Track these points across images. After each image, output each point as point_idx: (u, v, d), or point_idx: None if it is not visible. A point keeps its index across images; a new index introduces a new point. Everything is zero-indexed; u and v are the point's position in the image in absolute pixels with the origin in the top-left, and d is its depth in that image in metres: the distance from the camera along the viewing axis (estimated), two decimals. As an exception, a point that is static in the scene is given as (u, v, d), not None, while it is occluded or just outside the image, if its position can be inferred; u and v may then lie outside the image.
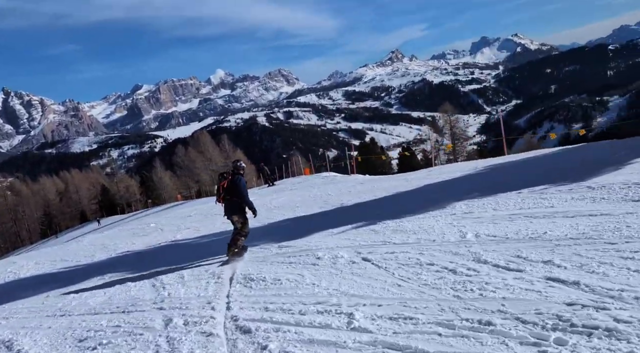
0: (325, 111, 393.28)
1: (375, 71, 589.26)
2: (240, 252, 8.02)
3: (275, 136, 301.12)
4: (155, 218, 21.85)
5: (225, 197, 8.06)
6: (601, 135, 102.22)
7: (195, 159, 63.16)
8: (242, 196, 7.94)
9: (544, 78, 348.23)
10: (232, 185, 8.01)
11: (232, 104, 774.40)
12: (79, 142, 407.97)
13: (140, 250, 10.79)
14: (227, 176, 8.18)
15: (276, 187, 21.95)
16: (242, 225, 8.07)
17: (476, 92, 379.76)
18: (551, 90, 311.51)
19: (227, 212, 8.13)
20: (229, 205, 8.08)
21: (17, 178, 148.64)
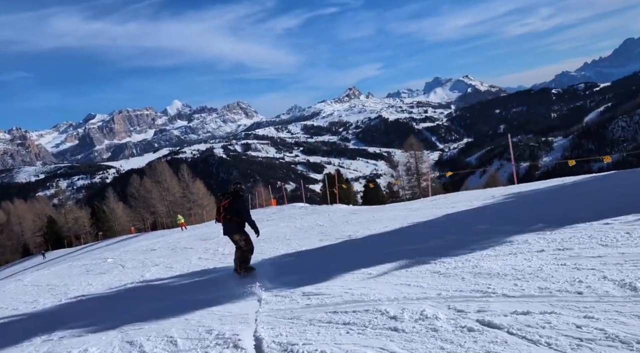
0: (284, 144, 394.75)
1: (334, 107, 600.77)
2: (249, 269, 8.09)
3: (233, 168, 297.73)
4: (111, 252, 20.15)
5: (226, 216, 8.09)
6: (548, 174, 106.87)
7: (152, 189, 60.75)
8: (244, 215, 8.06)
9: (493, 118, 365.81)
10: (234, 205, 8.07)
11: (189, 135, 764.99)
12: (24, 172, 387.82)
13: (100, 294, 8.34)
14: (228, 196, 8.23)
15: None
16: (245, 242, 8.13)
17: (429, 130, 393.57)
18: (500, 129, 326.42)
19: (226, 232, 8.19)
20: (228, 225, 8.13)
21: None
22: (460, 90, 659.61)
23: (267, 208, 27.36)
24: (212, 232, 17.38)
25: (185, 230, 25.66)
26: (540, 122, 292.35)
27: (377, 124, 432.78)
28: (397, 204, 16.66)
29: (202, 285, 7.76)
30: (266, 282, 6.69)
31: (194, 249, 13.06)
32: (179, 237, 18.80)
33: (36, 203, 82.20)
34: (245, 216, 8.04)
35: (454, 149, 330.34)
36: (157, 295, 7.50)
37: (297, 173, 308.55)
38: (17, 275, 19.94)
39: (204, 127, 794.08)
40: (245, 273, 7.95)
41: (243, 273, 7.98)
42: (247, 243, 8.11)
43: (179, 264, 10.17)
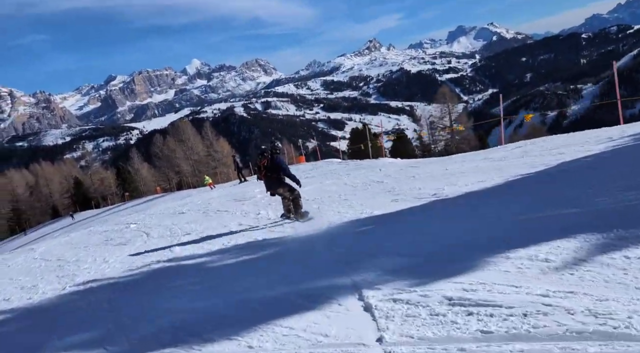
0: (304, 101, 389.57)
1: (353, 60, 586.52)
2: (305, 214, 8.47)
3: (254, 127, 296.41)
4: (136, 215, 18.62)
5: (267, 174, 8.64)
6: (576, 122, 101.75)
7: (175, 149, 59.48)
8: (284, 170, 8.59)
9: (519, 66, 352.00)
10: (273, 163, 8.57)
11: (209, 94, 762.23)
12: (51, 135, 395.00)
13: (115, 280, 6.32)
14: (267, 155, 8.70)
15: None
16: (290, 191, 8.66)
17: (453, 81, 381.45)
18: (527, 78, 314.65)
19: (269, 188, 8.79)
20: (270, 182, 8.72)
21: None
22: (485, 38, 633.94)
23: (300, 165, 25.39)
24: (246, 192, 15.60)
25: (214, 190, 24.04)
26: (569, 69, 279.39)
27: (398, 76, 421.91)
28: (466, 155, 14.38)
29: (255, 268, 5.62)
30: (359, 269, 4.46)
31: (229, 212, 11.26)
32: (209, 198, 17.12)
33: (63, 165, 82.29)
34: (284, 171, 8.58)
35: (478, 100, 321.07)
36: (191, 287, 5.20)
37: (317, 130, 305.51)
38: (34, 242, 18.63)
39: (223, 86, 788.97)
40: (303, 219, 8.30)
41: (300, 218, 8.35)
42: (292, 192, 8.63)
43: (216, 234, 8.30)
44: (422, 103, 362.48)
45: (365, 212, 7.34)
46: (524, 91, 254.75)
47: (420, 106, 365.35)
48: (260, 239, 7.00)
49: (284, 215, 8.85)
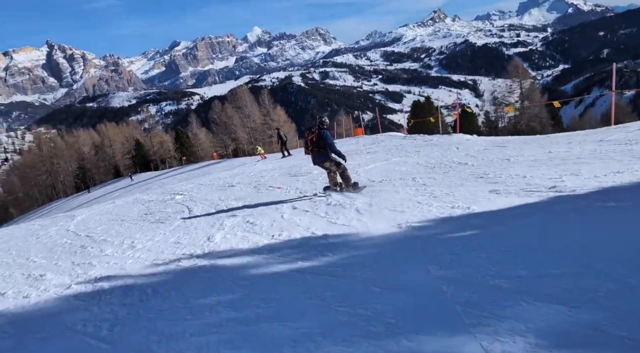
0: (362, 72, 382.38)
1: (416, 31, 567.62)
2: (356, 185, 8.53)
3: (310, 97, 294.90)
4: (186, 183, 17.83)
5: (313, 149, 8.68)
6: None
7: (233, 115, 59.25)
8: (330, 146, 8.54)
9: (596, 41, 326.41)
10: (320, 137, 8.61)
11: (268, 62, 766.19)
12: (118, 97, 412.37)
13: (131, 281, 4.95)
14: (314, 130, 8.79)
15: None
16: (335, 166, 8.69)
17: (521, 56, 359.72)
18: (603, 54, 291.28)
19: (316, 162, 8.79)
20: (317, 156, 8.70)
21: (59, 130, 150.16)
22: (560, 10, 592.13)
23: (359, 138, 23.67)
24: (302, 165, 14.27)
25: (267, 161, 22.89)
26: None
27: (462, 49, 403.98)
28: (570, 135, 12.11)
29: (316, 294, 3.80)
30: (486, 322, 2.82)
31: (282, 190, 9.93)
32: (262, 170, 15.95)
33: (126, 127, 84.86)
34: (331, 147, 8.53)
35: (547, 77, 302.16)
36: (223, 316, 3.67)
37: (375, 102, 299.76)
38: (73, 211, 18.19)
39: (282, 55, 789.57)
40: (355, 190, 8.36)
41: (353, 189, 8.41)
42: (338, 166, 8.67)
43: (266, 221, 6.89)
44: (487, 77, 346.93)
45: (458, 206, 5.60)
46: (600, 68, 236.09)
47: (484, 81, 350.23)
48: (319, 234, 5.49)
49: (327, 188, 8.93)
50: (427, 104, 51.77)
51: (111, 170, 75.75)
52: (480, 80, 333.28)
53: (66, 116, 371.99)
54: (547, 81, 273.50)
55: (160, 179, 42.78)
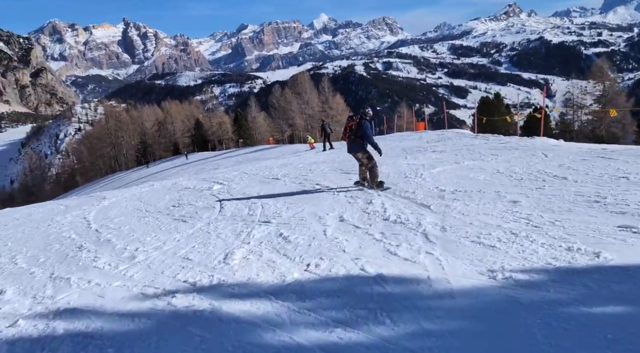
0: (427, 64, 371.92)
1: (487, 25, 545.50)
2: (382, 184, 8.44)
3: (371, 87, 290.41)
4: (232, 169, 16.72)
5: (351, 136, 8.74)
6: None
7: (292, 101, 58.38)
8: (367, 137, 8.62)
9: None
10: (359, 127, 8.68)
11: (332, 50, 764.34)
12: (185, 76, 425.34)
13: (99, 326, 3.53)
14: (355, 119, 8.86)
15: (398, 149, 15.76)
16: (367, 159, 8.69)
17: (601, 56, 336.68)
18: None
19: (350, 150, 8.85)
20: (353, 144, 8.75)
21: (129, 105, 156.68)
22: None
23: (422, 133, 21.67)
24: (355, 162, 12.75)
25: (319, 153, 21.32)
26: None
27: (536, 46, 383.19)
28: None
29: None
30: None
31: (331, 191, 8.45)
32: (312, 162, 14.54)
33: (189, 105, 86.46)
34: (368, 138, 8.60)
35: (628, 80, 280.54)
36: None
37: (437, 96, 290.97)
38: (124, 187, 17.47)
39: (347, 43, 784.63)
40: (379, 188, 8.25)
41: (376, 188, 8.32)
42: (369, 160, 8.65)
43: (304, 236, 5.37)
44: (560, 77, 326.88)
45: (577, 249, 3.81)
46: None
47: (557, 80, 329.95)
48: (372, 273, 3.82)
49: (357, 182, 8.94)
50: (496, 101, 48.34)
51: (170, 147, 77.37)
52: (553, 79, 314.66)
53: (136, 91, 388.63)
54: (629, 85, 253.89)
55: (213, 160, 42.63)
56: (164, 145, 79.89)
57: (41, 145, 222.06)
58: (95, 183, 72.82)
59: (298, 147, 37.97)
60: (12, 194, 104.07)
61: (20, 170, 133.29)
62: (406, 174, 9.54)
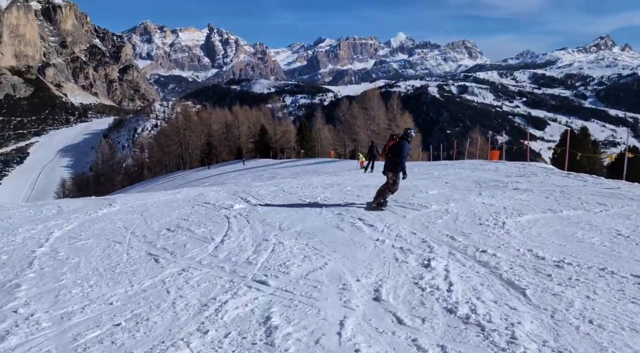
0: (505, 92, 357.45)
1: (575, 56, 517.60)
2: (383, 204, 8.72)
3: (443, 109, 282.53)
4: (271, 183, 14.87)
5: (388, 154, 8.91)
6: None
7: (358, 115, 56.47)
8: (401, 157, 8.63)
9: None
10: (397, 146, 8.74)
11: (407, 69, 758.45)
12: (260, 84, 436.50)
13: None
14: (395, 138, 8.97)
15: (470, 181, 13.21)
16: (393, 182, 8.80)
17: None
18: None
19: (385, 167, 8.97)
20: (389, 163, 8.92)
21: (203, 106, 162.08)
22: None
23: (499, 164, 18.72)
24: (417, 189, 10.47)
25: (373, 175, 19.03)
26: None
27: (628, 82, 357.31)
28: None
29: None
30: None
31: (376, 229, 6.29)
32: (363, 185, 12.40)
33: (255, 111, 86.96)
34: (401, 158, 8.62)
35: None
36: None
37: (513, 125, 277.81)
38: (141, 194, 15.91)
39: (423, 63, 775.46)
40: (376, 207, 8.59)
41: (375, 205, 8.65)
42: (394, 184, 8.81)
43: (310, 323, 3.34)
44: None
45: None
46: None
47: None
48: None
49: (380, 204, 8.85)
50: (582, 136, 43.60)
51: (234, 151, 77.83)
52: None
53: (212, 94, 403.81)
54: None
55: (272, 168, 41.45)
56: (228, 148, 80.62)
57: (120, 137, 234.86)
58: (158, 178, 74.63)
59: (357, 164, 35.88)
60: (88, 180, 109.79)
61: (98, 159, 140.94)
62: (482, 219, 7.15)
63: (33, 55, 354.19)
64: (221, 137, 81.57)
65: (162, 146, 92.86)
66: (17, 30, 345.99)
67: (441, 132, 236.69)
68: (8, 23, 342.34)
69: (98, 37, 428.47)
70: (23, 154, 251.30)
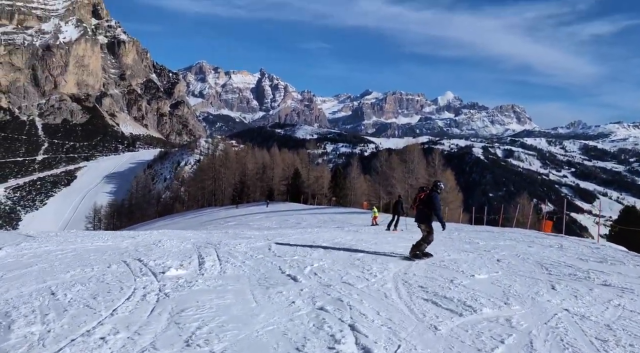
0: (553, 160, 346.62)
1: (630, 131, 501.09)
2: (421, 256, 8.96)
3: (487, 172, 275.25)
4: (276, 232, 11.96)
5: (419, 206, 9.13)
6: None
7: (396, 167, 53.52)
8: (435, 209, 8.91)
9: None
10: (429, 198, 9.05)
11: (452, 128, 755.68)
12: (303, 130, 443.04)
13: None
14: (426, 190, 9.39)
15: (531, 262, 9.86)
16: (427, 233, 9.03)
17: None
18: None
19: (417, 219, 9.28)
20: (420, 214, 9.16)
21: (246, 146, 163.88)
22: None
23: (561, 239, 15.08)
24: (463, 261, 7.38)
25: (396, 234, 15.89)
26: None
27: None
28: None
29: None
30: None
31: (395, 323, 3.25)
32: (379, 251, 9.30)
33: (291, 154, 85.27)
34: (436, 210, 8.84)
35: None
36: None
37: (559, 195, 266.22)
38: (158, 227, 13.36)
39: (469, 124, 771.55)
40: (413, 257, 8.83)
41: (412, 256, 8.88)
42: (429, 234, 9.00)
43: None
44: None
45: None
46: None
47: None
48: None
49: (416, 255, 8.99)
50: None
51: (266, 192, 75.95)
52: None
53: (256, 135, 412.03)
54: None
55: (296, 214, 38.63)
56: (260, 188, 78.88)
57: (163, 169, 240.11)
58: (188, 213, 73.20)
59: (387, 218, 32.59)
60: (122, 209, 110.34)
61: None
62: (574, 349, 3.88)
63: (93, 84, 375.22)
64: (255, 177, 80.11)
65: (197, 181, 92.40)
66: (82, 60, 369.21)
67: (483, 194, 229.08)
68: (75, 54, 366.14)
69: (155, 73, 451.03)
70: (71, 177, 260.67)
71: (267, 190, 76.21)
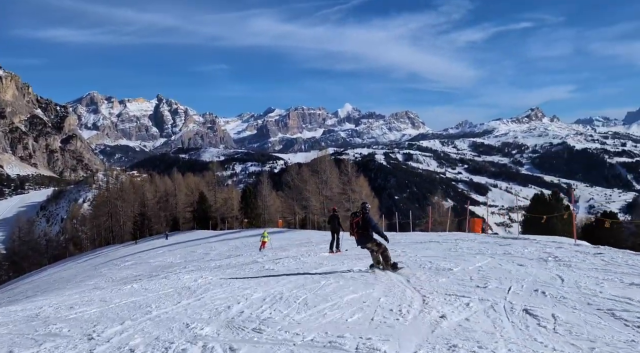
0: (447, 159, 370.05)
1: (509, 126, 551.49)
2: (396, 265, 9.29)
3: (391, 176, 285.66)
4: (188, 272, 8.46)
5: (358, 231, 9.72)
6: None
7: (308, 180, 51.05)
8: (375, 228, 9.61)
9: None
10: (364, 221, 9.65)
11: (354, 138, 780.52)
12: (209, 152, 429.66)
13: None
14: (358, 214, 9.83)
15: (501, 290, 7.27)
16: (377, 246, 9.57)
17: (625, 166, 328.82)
18: None
19: (360, 243, 9.87)
20: (361, 238, 9.74)
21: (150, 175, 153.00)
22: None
23: (532, 243, 12.78)
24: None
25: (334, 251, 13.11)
26: None
27: (559, 151, 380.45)
28: None
29: None
30: None
31: None
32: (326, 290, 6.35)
33: (194, 177, 79.27)
34: (374, 228, 9.60)
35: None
36: None
37: (456, 190, 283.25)
38: None
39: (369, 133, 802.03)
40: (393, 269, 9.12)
41: (391, 269, 9.15)
42: (379, 246, 9.55)
43: None
44: (583, 183, 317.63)
45: None
46: None
47: (580, 186, 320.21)
48: None
49: (372, 266, 9.63)
50: (553, 199, 39.89)
51: (170, 222, 69.67)
52: (576, 185, 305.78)
53: (159, 163, 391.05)
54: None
55: (204, 242, 34.35)
56: (164, 218, 72.28)
57: (59, 209, 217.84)
58: (83, 255, 64.55)
59: (310, 234, 29.67)
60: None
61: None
62: None
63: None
64: (156, 207, 73.31)
65: (92, 218, 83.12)
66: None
67: (389, 198, 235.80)
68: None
69: (40, 107, 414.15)
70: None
71: (171, 219, 70.00)
